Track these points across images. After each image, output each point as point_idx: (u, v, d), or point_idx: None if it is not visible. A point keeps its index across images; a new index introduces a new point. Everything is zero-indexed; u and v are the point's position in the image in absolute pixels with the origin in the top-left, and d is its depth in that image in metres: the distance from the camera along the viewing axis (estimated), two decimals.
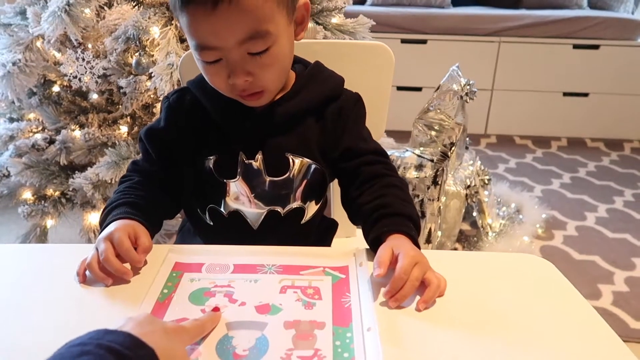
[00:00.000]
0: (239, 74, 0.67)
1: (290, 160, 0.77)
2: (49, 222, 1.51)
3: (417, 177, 1.57)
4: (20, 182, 1.47)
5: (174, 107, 0.79)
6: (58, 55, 1.45)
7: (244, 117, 0.76)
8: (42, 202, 1.49)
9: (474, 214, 1.98)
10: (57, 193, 1.50)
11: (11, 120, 1.58)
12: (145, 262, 0.67)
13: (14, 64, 1.35)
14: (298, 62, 0.81)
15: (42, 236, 1.52)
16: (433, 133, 1.63)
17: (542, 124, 3.07)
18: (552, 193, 2.39)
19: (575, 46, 2.91)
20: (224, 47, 0.66)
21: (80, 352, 0.39)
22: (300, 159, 0.77)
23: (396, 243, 0.65)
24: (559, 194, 2.38)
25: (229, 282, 0.63)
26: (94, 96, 1.50)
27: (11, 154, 1.45)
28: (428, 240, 1.64)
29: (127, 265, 0.65)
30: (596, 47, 2.91)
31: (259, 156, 0.76)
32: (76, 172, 1.42)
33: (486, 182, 1.98)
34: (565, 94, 3.01)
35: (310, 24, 1.40)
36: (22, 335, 0.55)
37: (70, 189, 1.43)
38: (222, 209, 0.79)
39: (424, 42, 2.95)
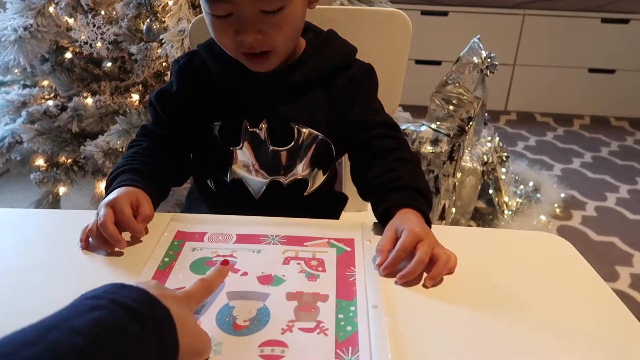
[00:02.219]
0: (248, 31, 0.65)
1: (296, 130, 0.75)
2: (61, 190, 1.52)
3: (432, 152, 1.53)
4: (33, 149, 1.47)
5: (184, 70, 0.78)
6: (71, 21, 1.43)
7: (250, 84, 0.73)
8: (55, 169, 1.49)
9: (490, 191, 1.93)
10: (69, 160, 1.50)
11: (24, 86, 1.57)
12: (147, 231, 0.66)
13: (25, 29, 1.33)
14: (311, 30, 0.78)
15: (54, 203, 1.52)
16: (451, 107, 1.58)
17: (565, 101, 2.98)
18: (572, 172, 2.33)
19: (604, 20, 2.79)
20: (237, 2, 0.63)
21: (93, 305, 0.37)
22: (306, 129, 0.75)
23: (401, 221, 0.62)
24: (579, 174, 2.32)
25: (232, 252, 0.62)
26: (108, 64, 1.49)
27: (24, 121, 1.45)
28: (442, 217, 1.61)
29: (126, 235, 0.64)
30: (626, 21, 2.79)
31: (264, 125, 0.74)
32: (87, 139, 1.41)
33: (504, 159, 1.93)
34: (590, 71, 2.90)
35: None
36: (21, 298, 0.55)
37: (82, 157, 1.43)
38: (226, 177, 0.78)
39: (444, 13, 2.86)
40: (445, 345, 0.49)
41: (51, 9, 1.40)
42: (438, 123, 1.58)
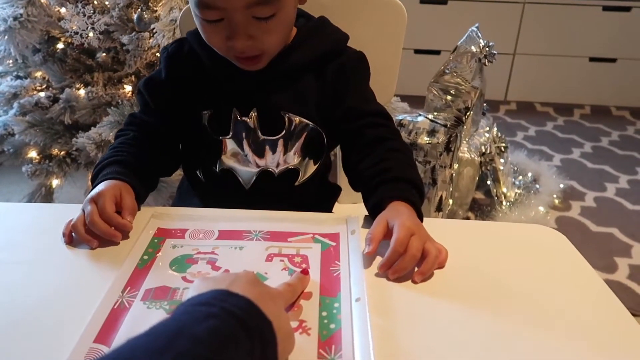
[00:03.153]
0: (240, 37, 0.64)
1: (286, 119, 0.73)
2: (55, 182, 1.50)
3: (429, 143, 1.52)
4: (25, 141, 1.45)
5: (172, 57, 0.77)
6: (62, 10, 1.41)
7: (239, 72, 0.72)
8: (47, 161, 1.47)
9: (489, 182, 1.92)
10: (62, 153, 1.48)
11: (17, 77, 1.55)
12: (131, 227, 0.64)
13: (15, 18, 1.31)
14: (302, 17, 0.77)
15: (47, 195, 1.51)
16: (448, 97, 1.56)
17: (566, 90, 2.95)
18: (572, 162, 2.31)
19: (605, 8, 2.76)
20: (228, 8, 0.62)
21: (207, 313, 0.37)
22: (297, 117, 0.74)
23: (392, 214, 0.61)
24: (578, 164, 2.30)
25: (213, 248, 0.60)
26: (102, 54, 1.47)
27: (15, 113, 1.44)
28: (439, 209, 1.60)
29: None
30: (627, 9, 2.75)
31: (253, 113, 0.73)
32: (80, 131, 1.40)
33: (502, 149, 1.91)
34: (591, 59, 2.87)
35: None
36: (4, 293, 0.54)
37: (75, 149, 1.42)
38: (215, 167, 0.77)
39: (444, 2, 2.82)
40: (432, 341, 0.48)
41: None
42: (435, 113, 1.56)
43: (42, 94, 1.44)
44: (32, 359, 0.46)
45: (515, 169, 2.08)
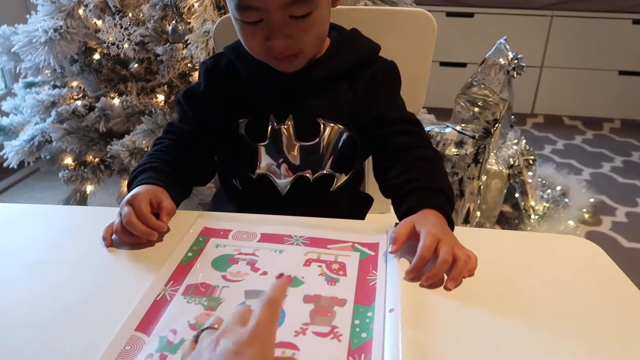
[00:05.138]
0: (278, 37, 0.67)
1: (321, 126, 0.75)
2: (89, 188, 1.55)
3: (457, 154, 1.51)
4: (62, 148, 1.50)
5: (211, 70, 0.80)
6: (99, 23, 1.46)
7: (275, 81, 0.74)
8: (82, 167, 1.52)
9: (517, 195, 1.89)
10: (96, 159, 1.53)
11: (54, 87, 1.60)
12: (168, 229, 0.66)
13: (55, 30, 1.36)
14: (334, 29, 0.79)
15: (82, 201, 1.55)
16: (476, 109, 1.56)
17: (594, 104, 2.90)
18: (602, 177, 2.26)
19: (635, 21, 2.71)
20: (267, 9, 0.65)
21: None
22: (332, 124, 0.75)
23: (420, 219, 0.61)
24: (609, 178, 2.25)
25: (254, 250, 0.62)
26: (134, 65, 1.51)
27: (53, 120, 1.48)
28: (466, 220, 1.59)
29: None
30: None
31: (289, 120, 0.75)
32: (114, 139, 1.44)
33: (531, 162, 1.89)
34: (621, 73, 2.83)
35: None
36: (46, 293, 0.56)
37: (109, 156, 1.45)
38: (252, 174, 0.78)
39: (470, 15, 2.82)
40: (464, 355, 0.47)
41: (80, 11, 1.43)
42: (463, 125, 1.56)
43: (78, 103, 1.49)
44: (77, 346, 0.48)
45: (544, 182, 2.05)
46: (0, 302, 0.54)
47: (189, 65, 1.39)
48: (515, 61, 1.58)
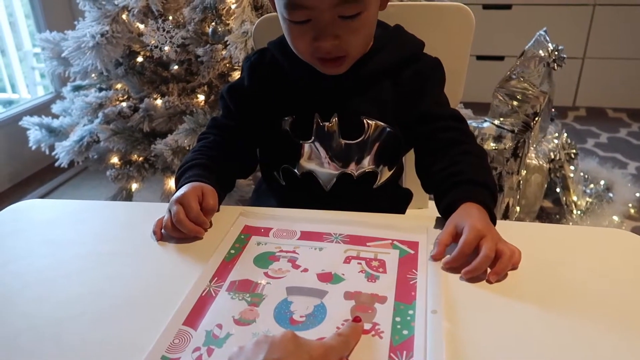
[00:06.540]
0: (326, 37, 0.67)
1: (365, 123, 0.76)
2: (134, 186, 1.61)
3: (495, 149, 1.49)
4: (108, 148, 1.56)
5: (255, 66, 0.81)
6: (142, 27, 1.52)
7: (320, 78, 0.75)
8: (128, 166, 1.58)
9: (558, 190, 1.85)
10: (140, 158, 1.59)
11: (100, 89, 1.67)
12: (211, 224, 0.69)
13: (102, 35, 1.42)
14: (378, 26, 0.79)
15: (127, 198, 1.62)
16: (515, 103, 1.53)
17: None
18: None
19: None
20: (317, 8, 0.65)
21: None
22: (375, 121, 0.76)
23: (462, 216, 0.62)
24: None
25: (294, 248, 0.63)
26: (175, 67, 1.56)
27: (100, 121, 1.55)
28: (505, 216, 1.57)
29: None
30: None
31: (334, 118, 0.76)
32: (157, 138, 1.49)
33: (572, 156, 1.84)
34: None
35: None
36: (102, 282, 0.59)
37: (152, 155, 1.51)
38: (295, 170, 0.80)
39: (508, 7, 2.77)
40: (508, 350, 0.47)
41: (124, 16, 1.48)
42: (501, 119, 1.53)
43: (124, 104, 1.55)
44: (129, 338, 0.51)
45: (586, 176, 2.00)
46: (63, 292, 0.58)
47: (228, 65, 1.43)
48: (556, 53, 1.54)
